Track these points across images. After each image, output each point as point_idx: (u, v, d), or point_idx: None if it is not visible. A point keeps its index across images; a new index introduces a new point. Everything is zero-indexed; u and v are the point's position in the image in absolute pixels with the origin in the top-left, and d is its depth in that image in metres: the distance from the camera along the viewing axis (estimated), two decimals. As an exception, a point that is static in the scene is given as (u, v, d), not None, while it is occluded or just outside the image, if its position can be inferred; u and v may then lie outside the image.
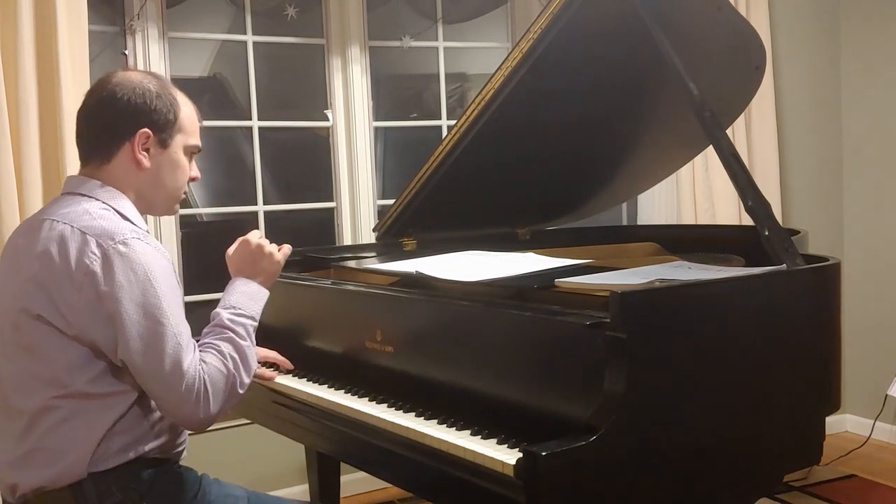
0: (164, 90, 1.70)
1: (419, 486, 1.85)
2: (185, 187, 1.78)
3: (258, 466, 3.01)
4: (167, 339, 1.54)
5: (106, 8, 3.15)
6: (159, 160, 1.70)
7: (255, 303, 1.74)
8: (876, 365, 3.74)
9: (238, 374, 1.62)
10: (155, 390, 1.57)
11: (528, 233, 2.83)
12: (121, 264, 1.54)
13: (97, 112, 1.68)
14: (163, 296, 1.56)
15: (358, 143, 3.50)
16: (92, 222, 1.58)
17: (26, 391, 1.60)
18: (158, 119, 1.68)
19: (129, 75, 1.70)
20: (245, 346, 1.66)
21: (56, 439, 1.57)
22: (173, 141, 1.71)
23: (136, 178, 1.69)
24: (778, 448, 1.72)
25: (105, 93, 1.67)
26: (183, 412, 1.57)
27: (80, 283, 1.53)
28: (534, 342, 1.63)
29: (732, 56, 2.33)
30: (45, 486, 1.58)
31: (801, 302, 1.78)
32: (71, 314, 1.55)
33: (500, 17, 3.81)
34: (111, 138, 1.67)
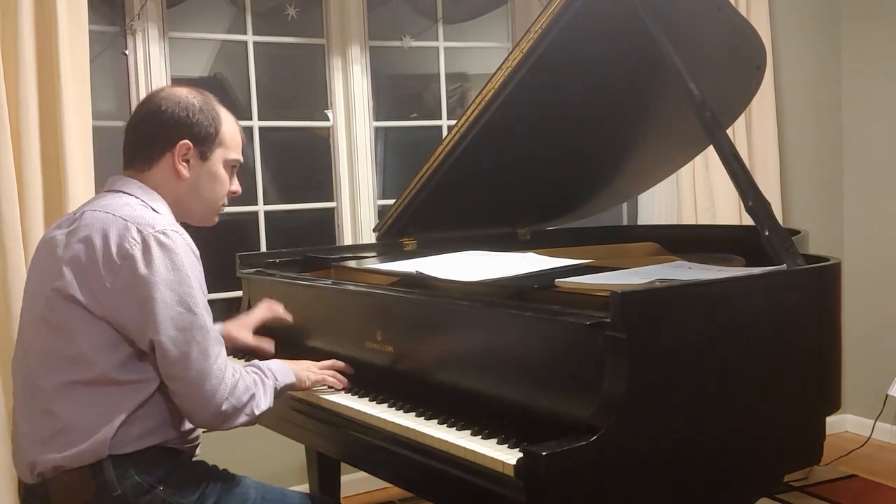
0: (207, 105, 1.79)
1: (419, 486, 1.85)
2: (224, 200, 1.86)
3: (258, 466, 3.01)
4: (197, 328, 1.62)
5: (106, 8, 3.15)
6: (198, 172, 1.78)
7: (284, 375, 1.86)
8: (876, 365, 3.74)
9: (258, 394, 1.72)
10: (178, 375, 1.62)
11: (528, 233, 2.83)
12: (159, 251, 1.61)
13: (142, 123, 1.77)
14: (195, 289, 1.64)
15: (358, 143, 3.50)
16: (133, 212, 1.66)
17: (52, 369, 1.65)
18: (199, 132, 1.76)
19: (175, 90, 1.79)
20: (269, 384, 1.78)
21: (78, 419, 1.62)
22: (213, 154, 1.79)
23: (175, 186, 1.77)
24: (778, 448, 1.72)
25: (152, 106, 1.77)
26: (199, 402, 1.64)
27: (118, 266, 1.60)
28: (534, 342, 1.62)
29: (733, 56, 2.33)
30: (65, 465, 1.63)
31: (801, 302, 1.78)
32: (104, 295, 1.61)
33: (501, 17, 3.81)
34: (153, 147, 1.76)
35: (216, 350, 1.65)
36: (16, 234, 2.63)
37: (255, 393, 1.72)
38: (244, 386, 1.69)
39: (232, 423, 1.69)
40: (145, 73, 3.14)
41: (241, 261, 2.48)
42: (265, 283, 2.39)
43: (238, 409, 1.68)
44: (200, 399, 1.64)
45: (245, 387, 1.70)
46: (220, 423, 1.68)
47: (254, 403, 1.71)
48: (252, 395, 1.71)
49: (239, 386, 1.68)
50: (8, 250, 2.62)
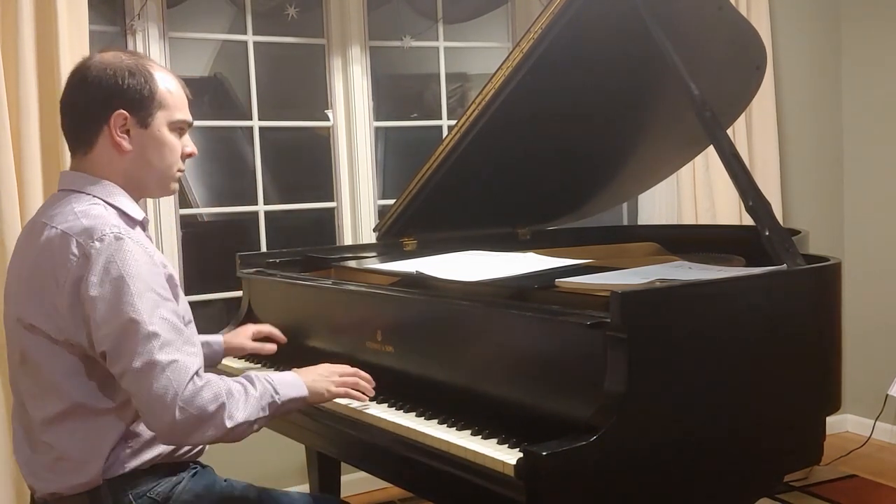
0: (138, 67, 1.62)
1: (419, 485, 1.85)
2: (178, 164, 1.70)
3: (258, 466, 3.01)
4: (138, 336, 1.47)
5: (106, 8, 3.15)
6: (142, 141, 1.63)
7: (289, 388, 1.66)
8: (876, 365, 3.74)
9: (230, 404, 1.53)
10: (129, 388, 1.50)
11: (528, 233, 2.83)
12: (96, 262, 1.50)
13: (71, 98, 1.64)
14: (137, 293, 1.49)
15: (358, 143, 3.50)
16: (76, 222, 1.55)
17: (37, 400, 1.60)
18: (134, 97, 1.61)
19: (102, 56, 1.63)
20: (254, 395, 1.58)
21: (69, 449, 1.58)
22: (154, 119, 1.63)
23: (120, 162, 1.63)
24: (778, 448, 1.72)
25: (78, 76, 1.62)
26: (152, 413, 1.48)
27: (62, 285, 1.52)
28: (534, 342, 1.62)
29: (733, 56, 2.33)
30: (62, 492, 1.59)
31: (801, 302, 1.78)
32: (59, 318, 1.54)
33: (501, 17, 3.81)
34: (88, 125, 1.62)
35: (169, 356, 1.48)
36: (16, 234, 2.63)
37: (224, 403, 1.51)
38: (210, 395, 1.50)
39: (195, 436, 1.50)
40: (145, 73, 3.14)
41: (241, 261, 2.48)
42: (265, 283, 2.39)
43: (200, 419, 1.48)
44: (152, 410, 1.48)
45: (212, 396, 1.50)
46: (180, 437, 1.52)
47: (224, 414, 1.51)
48: (221, 405, 1.50)
49: (202, 395, 1.49)
50: (8, 250, 2.62)
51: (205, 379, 1.52)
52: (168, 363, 1.48)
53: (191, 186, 3.60)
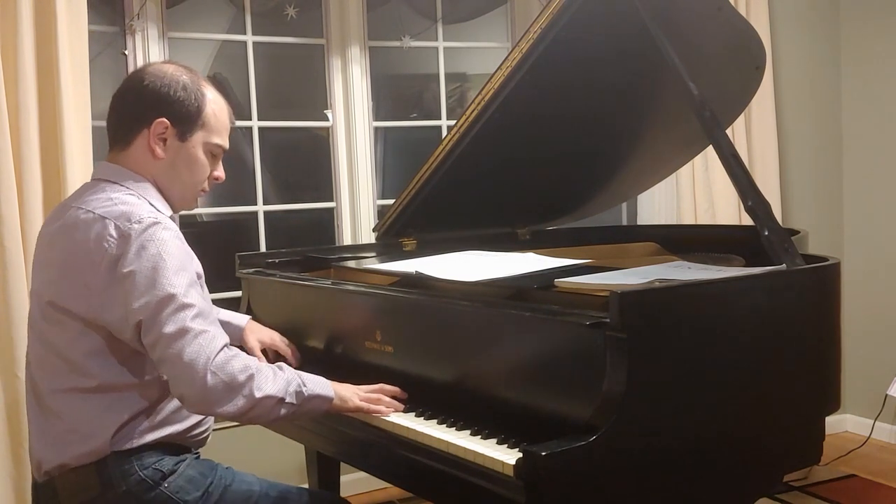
0: (193, 84, 1.72)
1: (419, 485, 1.85)
2: (202, 185, 1.78)
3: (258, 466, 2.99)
4: (174, 305, 1.54)
5: (106, 8, 3.15)
6: (176, 152, 1.71)
7: (317, 385, 1.69)
8: (876, 365, 3.74)
9: (259, 377, 1.57)
10: (161, 356, 1.55)
11: (527, 233, 2.83)
12: (135, 241, 1.57)
13: (122, 97, 1.74)
14: (173, 269, 1.56)
15: (358, 143, 3.50)
16: (113, 207, 1.62)
17: (51, 376, 1.66)
18: (179, 110, 1.69)
19: (162, 66, 1.74)
20: (282, 377, 1.62)
21: (80, 421, 1.63)
22: (193, 136, 1.72)
23: (152, 166, 1.71)
24: (778, 448, 1.72)
25: (135, 80, 1.72)
26: (184, 378, 1.53)
27: (98, 266, 1.58)
28: (534, 342, 1.62)
29: (732, 56, 2.33)
30: (69, 463, 1.64)
31: (801, 302, 1.78)
32: (90, 297, 1.59)
33: (500, 17, 3.81)
34: (130, 124, 1.71)
35: (202, 326, 1.55)
36: (15, 234, 2.63)
37: (253, 374, 1.56)
38: (241, 365, 1.56)
39: (225, 404, 1.54)
40: (145, 73, 3.14)
41: (241, 261, 2.48)
42: (265, 283, 2.39)
43: (230, 386, 1.53)
44: (185, 375, 1.52)
45: (242, 366, 1.56)
46: (211, 404, 1.54)
47: (253, 384, 1.55)
48: (250, 376, 1.55)
49: (233, 363, 1.55)
50: (8, 250, 2.62)
51: (234, 350, 1.59)
52: (200, 331, 1.55)
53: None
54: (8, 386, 2.68)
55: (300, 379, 1.67)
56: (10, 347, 2.65)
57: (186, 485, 1.67)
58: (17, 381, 2.66)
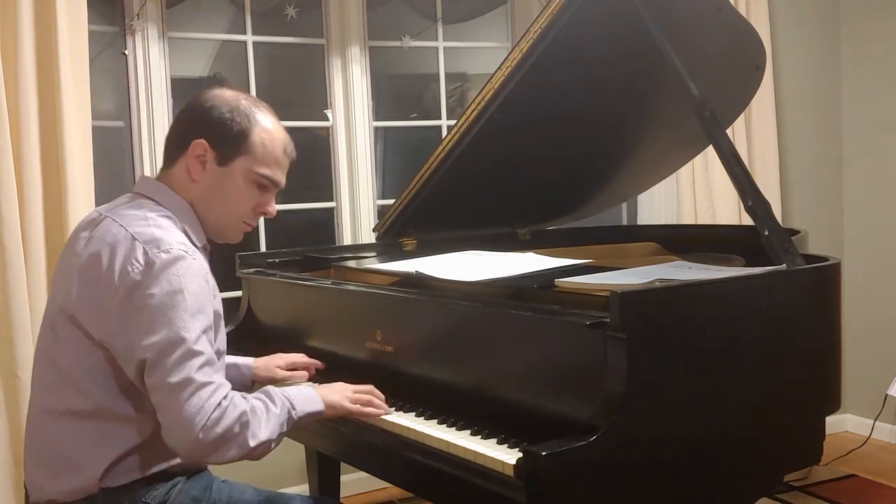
0: (242, 109, 1.65)
1: (419, 485, 1.85)
2: (245, 217, 1.69)
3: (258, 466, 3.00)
4: (183, 351, 1.48)
5: (106, 8, 3.14)
6: (213, 177, 1.64)
7: (306, 402, 1.66)
8: (876, 365, 3.74)
9: (254, 423, 1.53)
10: (157, 401, 1.50)
11: (528, 233, 2.83)
12: (159, 273, 1.51)
13: (177, 117, 1.71)
14: (190, 311, 1.50)
15: (358, 143, 3.50)
16: (146, 228, 1.56)
17: (48, 393, 1.61)
18: (220, 132, 1.62)
19: (223, 91, 1.68)
20: (275, 412, 1.58)
21: (70, 450, 1.57)
22: (234, 162, 1.64)
23: (190, 188, 1.65)
24: (778, 448, 1.72)
25: (195, 100, 1.67)
26: (176, 430, 1.49)
27: (117, 288, 1.52)
28: (534, 342, 1.62)
29: (732, 56, 2.33)
30: (57, 498, 1.59)
31: (801, 302, 1.78)
32: (103, 316, 1.54)
33: (500, 17, 3.81)
34: (175, 143, 1.67)
35: (206, 378, 1.49)
36: (15, 233, 2.63)
37: (248, 421, 1.52)
38: (235, 416, 1.50)
39: (219, 455, 1.50)
40: (145, 73, 3.14)
41: (241, 261, 2.48)
42: (265, 283, 2.39)
43: (225, 439, 1.49)
44: (179, 427, 1.48)
45: (236, 416, 1.50)
46: (203, 456, 1.51)
47: (247, 433, 1.51)
48: (244, 424, 1.51)
49: (228, 416, 1.49)
50: (8, 250, 2.62)
51: (230, 399, 1.52)
52: (203, 383, 1.49)
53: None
54: (8, 386, 2.67)
55: (290, 402, 1.62)
56: (10, 347, 2.65)
57: None
58: (17, 381, 2.65)
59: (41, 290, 2.69)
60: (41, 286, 2.69)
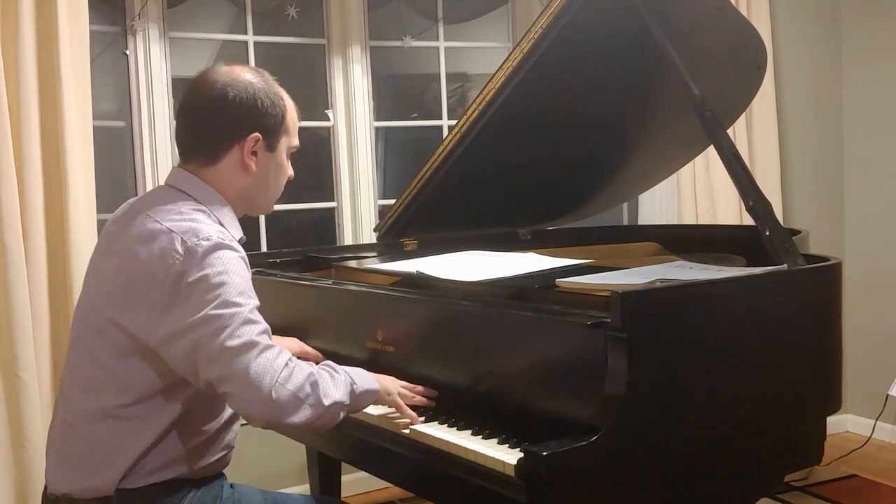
0: (271, 90, 1.67)
1: (420, 485, 1.85)
2: (281, 189, 1.77)
3: (259, 466, 3.01)
4: (239, 319, 1.48)
5: (107, 8, 3.15)
6: (266, 164, 1.68)
7: (364, 379, 1.66)
8: (877, 365, 3.74)
9: (323, 384, 1.54)
10: (224, 374, 1.47)
11: (528, 233, 2.83)
12: (202, 258, 1.51)
13: (207, 111, 1.64)
14: (237, 287, 1.51)
15: (359, 143, 3.50)
16: (182, 222, 1.56)
17: (85, 390, 1.60)
18: (269, 123, 1.66)
19: (236, 72, 1.65)
20: (340, 379, 1.60)
21: (97, 448, 1.57)
22: (279, 144, 1.69)
23: (242, 181, 1.67)
24: (779, 448, 1.72)
25: (215, 91, 1.63)
26: (249, 395, 1.46)
27: (162, 282, 1.51)
28: (535, 342, 1.62)
29: (733, 55, 2.33)
30: (73, 493, 1.59)
31: (802, 302, 1.77)
32: (152, 312, 1.52)
33: (501, 17, 3.81)
34: (220, 140, 1.64)
35: (268, 342, 1.50)
36: (17, 233, 2.63)
37: (317, 381, 1.52)
38: (304, 375, 1.51)
39: (295, 415, 1.49)
40: (146, 73, 3.14)
41: (242, 261, 2.47)
42: (266, 283, 2.39)
43: (298, 397, 1.48)
44: (248, 390, 1.46)
45: (305, 375, 1.51)
46: (280, 417, 1.48)
47: (319, 392, 1.51)
48: (314, 384, 1.51)
49: (297, 375, 1.50)
50: (9, 250, 2.62)
51: (296, 361, 1.53)
52: (266, 346, 1.49)
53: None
54: (9, 386, 2.67)
55: (350, 377, 1.63)
56: (10, 347, 2.65)
57: None
58: (17, 380, 2.65)
59: (42, 289, 2.69)
60: (42, 286, 2.69)
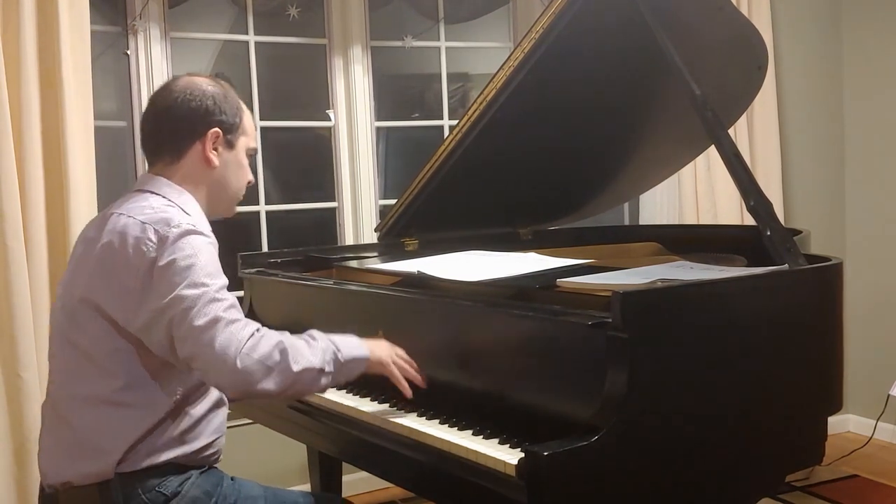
0: (229, 94, 1.80)
1: (421, 485, 1.85)
2: (242, 191, 1.86)
3: (260, 466, 3.01)
4: (205, 298, 1.55)
5: (108, 8, 3.15)
6: (226, 160, 1.79)
7: (351, 347, 1.70)
8: (878, 365, 3.74)
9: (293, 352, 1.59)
10: (192, 351, 1.55)
11: (529, 233, 2.83)
12: (172, 243, 1.59)
13: (168, 113, 1.75)
14: (205, 269, 1.59)
15: (360, 143, 3.50)
16: (153, 214, 1.65)
17: (73, 379, 1.66)
18: (226, 120, 1.77)
19: (195, 80, 1.78)
20: (317, 346, 1.65)
21: (91, 434, 1.62)
22: (238, 142, 1.81)
23: (206, 176, 1.77)
24: (780, 448, 1.71)
25: (175, 95, 1.75)
26: (215, 364, 1.54)
27: (137, 269, 1.59)
28: (535, 342, 1.62)
29: (734, 55, 2.33)
30: (73, 481, 1.63)
31: (803, 302, 1.77)
32: (128, 299, 1.60)
33: (502, 17, 3.81)
34: (183, 137, 1.75)
35: (234, 316, 1.57)
36: (18, 233, 2.63)
37: (286, 349, 1.57)
38: (272, 343, 1.57)
39: (264, 382, 1.55)
40: (147, 73, 3.14)
41: (243, 261, 2.48)
42: (267, 283, 2.39)
43: (265, 365, 1.54)
44: (214, 363, 1.53)
45: (273, 343, 1.57)
46: (249, 385, 1.54)
47: (288, 360, 1.57)
48: (283, 351, 1.57)
49: (262, 344, 1.55)
50: (11, 249, 2.63)
51: (264, 331, 1.60)
52: (231, 320, 1.56)
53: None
54: (10, 386, 2.67)
55: (333, 345, 1.67)
56: (11, 346, 2.66)
57: None
58: (19, 380, 2.66)
59: (44, 289, 2.69)
60: (43, 286, 2.69)
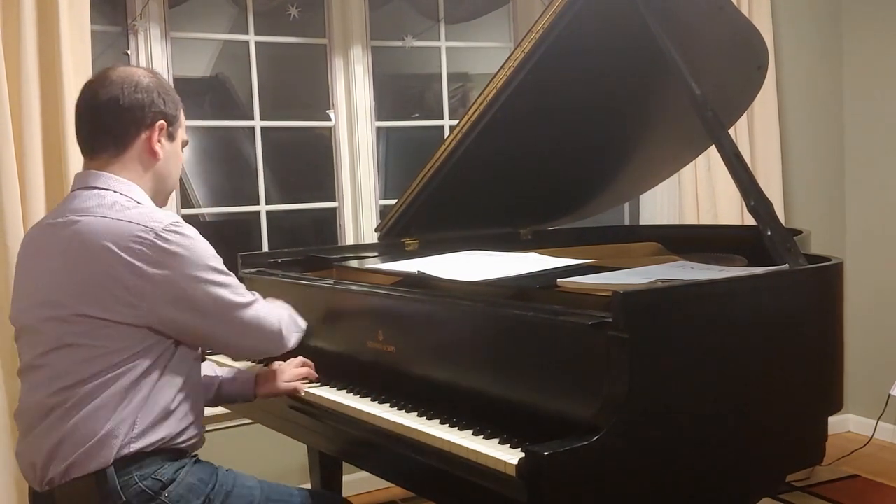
0: (167, 84, 1.82)
1: (421, 485, 1.85)
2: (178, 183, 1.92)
3: (260, 466, 3.00)
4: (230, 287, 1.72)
5: (108, 8, 3.15)
6: (168, 151, 1.80)
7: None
8: (878, 365, 3.74)
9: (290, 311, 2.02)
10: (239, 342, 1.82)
11: (529, 233, 2.83)
12: (168, 239, 1.63)
13: (113, 103, 1.73)
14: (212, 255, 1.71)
15: (360, 143, 3.50)
16: (128, 212, 1.65)
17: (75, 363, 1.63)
18: (169, 112, 1.79)
19: (131, 71, 1.77)
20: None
21: (88, 424, 1.61)
22: (177, 134, 1.83)
23: (149, 168, 1.77)
24: (780, 448, 1.72)
25: (118, 86, 1.73)
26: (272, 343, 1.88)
27: (135, 267, 1.60)
28: (536, 342, 1.62)
29: (735, 55, 2.33)
30: (72, 472, 1.62)
31: (803, 302, 1.77)
32: (124, 297, 1.61)
33: (503, 17, 3.81)
34: (128, 128, 1.74)
35: (251, 296, 1.79)
36: (18, 234, 2.63)
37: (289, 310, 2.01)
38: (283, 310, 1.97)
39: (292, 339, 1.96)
40: (147, 73, 3.14)
41: (243, 261, 2.48)
42: (267, 283, 2.39)
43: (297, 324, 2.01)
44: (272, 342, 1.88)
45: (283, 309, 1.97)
46: (287, 345, 1.93)
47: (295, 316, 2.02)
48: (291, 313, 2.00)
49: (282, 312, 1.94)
50: (11, 249, 2.63)
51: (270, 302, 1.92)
52: (254, 298, 1.80)
53: (192, 186, 3.61)
54: (9, 386, 2.67)
55: None
56: (11, 347, 2.65)
57: (187, 493, 1.66)
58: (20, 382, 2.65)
59: (44, 289, 2.69)
60: (44, 286, 2.69)
